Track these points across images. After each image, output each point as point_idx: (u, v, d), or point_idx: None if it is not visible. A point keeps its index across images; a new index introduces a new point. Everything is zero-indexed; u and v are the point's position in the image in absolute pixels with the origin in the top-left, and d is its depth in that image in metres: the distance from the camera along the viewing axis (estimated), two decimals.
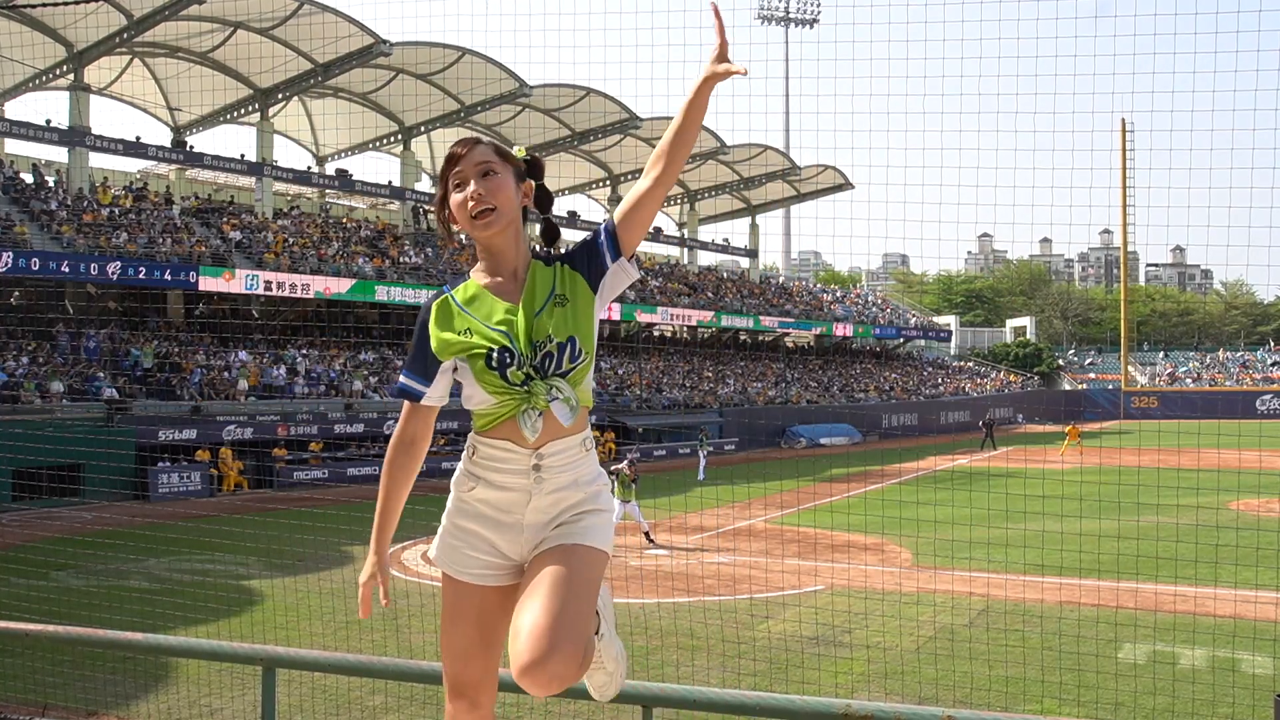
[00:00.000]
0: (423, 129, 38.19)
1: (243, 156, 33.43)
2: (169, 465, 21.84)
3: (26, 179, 28.99)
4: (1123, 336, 47.93)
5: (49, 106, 35.22)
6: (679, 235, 50.63)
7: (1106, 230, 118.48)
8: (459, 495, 2.38)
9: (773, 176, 48.50)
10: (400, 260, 34.33)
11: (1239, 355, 67.44)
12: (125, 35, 28.29)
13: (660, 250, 50.69)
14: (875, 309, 60.81)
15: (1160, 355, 68.52)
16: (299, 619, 9.82)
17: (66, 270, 24.18)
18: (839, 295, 61.15)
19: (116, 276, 25.06)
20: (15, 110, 31.25)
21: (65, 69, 29.41)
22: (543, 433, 2.30)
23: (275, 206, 34.62)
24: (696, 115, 2.33)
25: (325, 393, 27.32)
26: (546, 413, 2.29)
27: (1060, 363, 68.74)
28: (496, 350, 2.27)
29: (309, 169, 38.41)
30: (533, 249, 2.45)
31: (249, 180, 34.64)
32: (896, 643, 9.19)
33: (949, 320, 72.98)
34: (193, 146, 33.64)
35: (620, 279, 2.39)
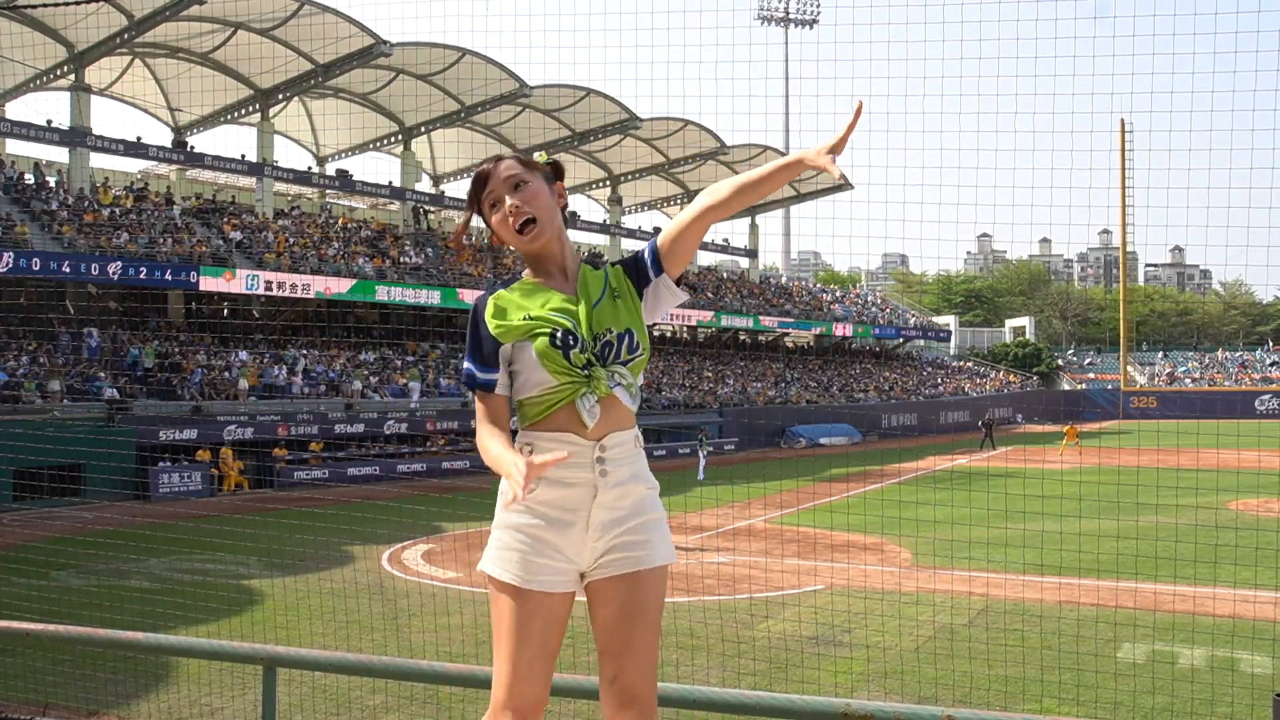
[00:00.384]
0: (423, 129, 38.22)
1: (243, 157, 33.46)
2: (169, 465, 21.86)
3: (28, 179, 29.02)
4: (1122, 336, 47.88)
5: (50, 107, 35.23)
6: None
7: (1106, 230, 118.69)
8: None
9: None
10: (400, 260, 34.34)
11: (1238, 355, 67.48)
12: (126, 36, 28.32)
13: None
14: (875, 309, 60.81)
15: (1159, 355, 68.53)
16: (299, 619, 9.82)
17: (67, 270, 24.19)
18: (839, 295, 61.14)
19: (117, 276, 25.08)
20: (16, 111, 31.31)
21: (66, 69, 29.45)
22: (601, 422, 2.28)
23: (276, 207, 34.65)
24: (776, 182, 2.33)
25: (325, 393, 27.34)
26: (604, 400, 2.28)
27: (1059, 363, 68.73)
28: (560, 331, 2.26)
29: (309, 169, 38.44)
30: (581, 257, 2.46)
31: (249, 180, 34.68)
32: (896, 642, 9.19)
33: (948, 320, 72.96)
34: (193, 147, 33.68)
35: (664, 296, 2.40)
